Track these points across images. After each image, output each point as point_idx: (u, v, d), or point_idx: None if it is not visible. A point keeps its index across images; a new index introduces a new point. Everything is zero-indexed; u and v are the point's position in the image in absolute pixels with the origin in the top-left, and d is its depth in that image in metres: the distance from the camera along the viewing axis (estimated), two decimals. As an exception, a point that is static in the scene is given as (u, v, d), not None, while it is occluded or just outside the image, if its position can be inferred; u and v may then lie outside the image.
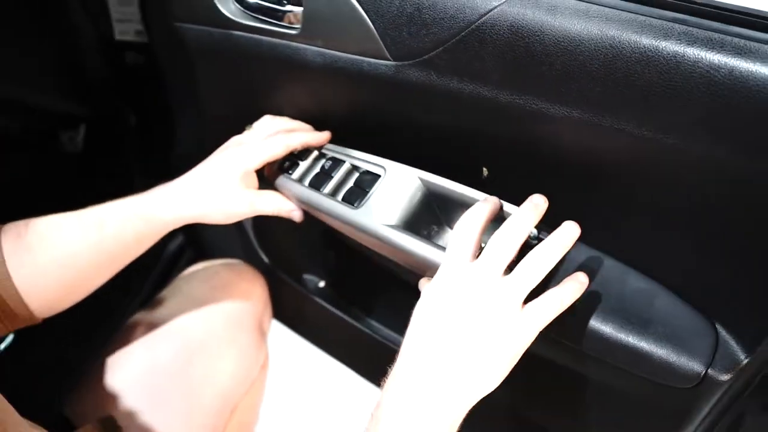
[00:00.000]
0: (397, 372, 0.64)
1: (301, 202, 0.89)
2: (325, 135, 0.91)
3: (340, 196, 0.85)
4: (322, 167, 0.89)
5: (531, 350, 0.64)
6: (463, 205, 0.78)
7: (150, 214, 0.84)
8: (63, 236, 0.80)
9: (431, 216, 0.82)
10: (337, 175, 0.87)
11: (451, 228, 0.83)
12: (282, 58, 0.86)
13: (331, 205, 0.84)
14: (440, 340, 0.63)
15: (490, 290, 0.62)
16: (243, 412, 1.08)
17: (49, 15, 1.06)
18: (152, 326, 1.01)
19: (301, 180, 0.89)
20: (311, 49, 0.82)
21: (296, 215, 0.90)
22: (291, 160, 0.90)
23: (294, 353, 1.62)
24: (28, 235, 0.79)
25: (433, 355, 0.62)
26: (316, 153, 0.91)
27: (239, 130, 0.94)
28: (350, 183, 0.86)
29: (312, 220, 0.96)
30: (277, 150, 0.86)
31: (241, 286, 1.13)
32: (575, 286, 0.65)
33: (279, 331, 1.36)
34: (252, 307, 1.11)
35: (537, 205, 0.67)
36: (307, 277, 1.27)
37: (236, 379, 1.04)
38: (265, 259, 1.29)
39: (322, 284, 1.26)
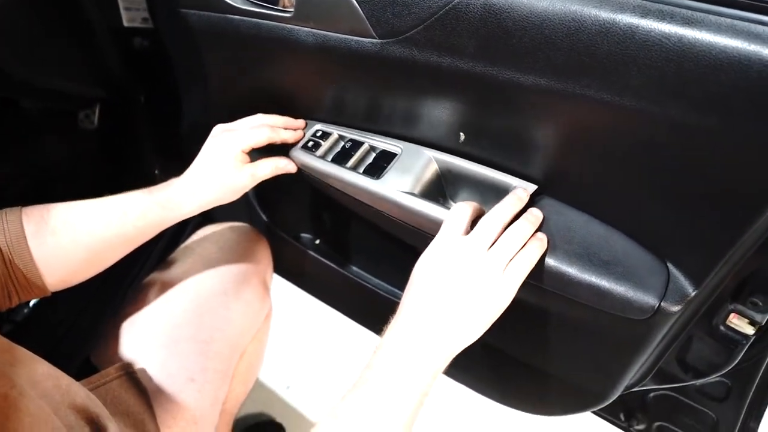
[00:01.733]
0: (398, 321, 0.69)
1: (325, 176, 0.90)
2: (299, 134, 0.95)
3: (360, 171, 0.87)
4: (343, 147, 0.90)
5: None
6: (467, 181, 0.82)
7: (172, 204, 0.85)
8: (87, 222, 0.80)
9: (438, 189, 0.84)
10: (357, 154, 0.88)
11: (455, 201, 0.85)
12: (278, 39, 0.85)
13: (354, 177, 0.86)
14: (436, 300, 0.68)
15: (478, 260, 0.69)
16: (250, 357, 1.09)
17: (64, 8, 1.04)
18: (166, 283, 1.01)
19: (323, 158, 0.90)
20: (304, 30, 0.82)
21: (291, 167, 0.93)
22: (314, 141, 0.92)
23: (294, 304, 1.64)
24: (52, 219, 0.79)
25: (430, 312, 0.68)
26: (336, 135, 0.92)
27: (238, 107, 0.93)
28: (369, 160, 0.88)
29: (307, 186, 0.96)
30: (260, 138, 0.88)
31: (246, 246, 1.12)
32: (538, 244, 0.72)
33: (280, 284, 1.36)
34: (256, 265, 1.11)
35: (520, 197, 0.75)
36: (304, 235, 1.27)
37: (243, 328, 1.04)
38: (267, 221, 1.29)
39: (317, 242, 1.27)
